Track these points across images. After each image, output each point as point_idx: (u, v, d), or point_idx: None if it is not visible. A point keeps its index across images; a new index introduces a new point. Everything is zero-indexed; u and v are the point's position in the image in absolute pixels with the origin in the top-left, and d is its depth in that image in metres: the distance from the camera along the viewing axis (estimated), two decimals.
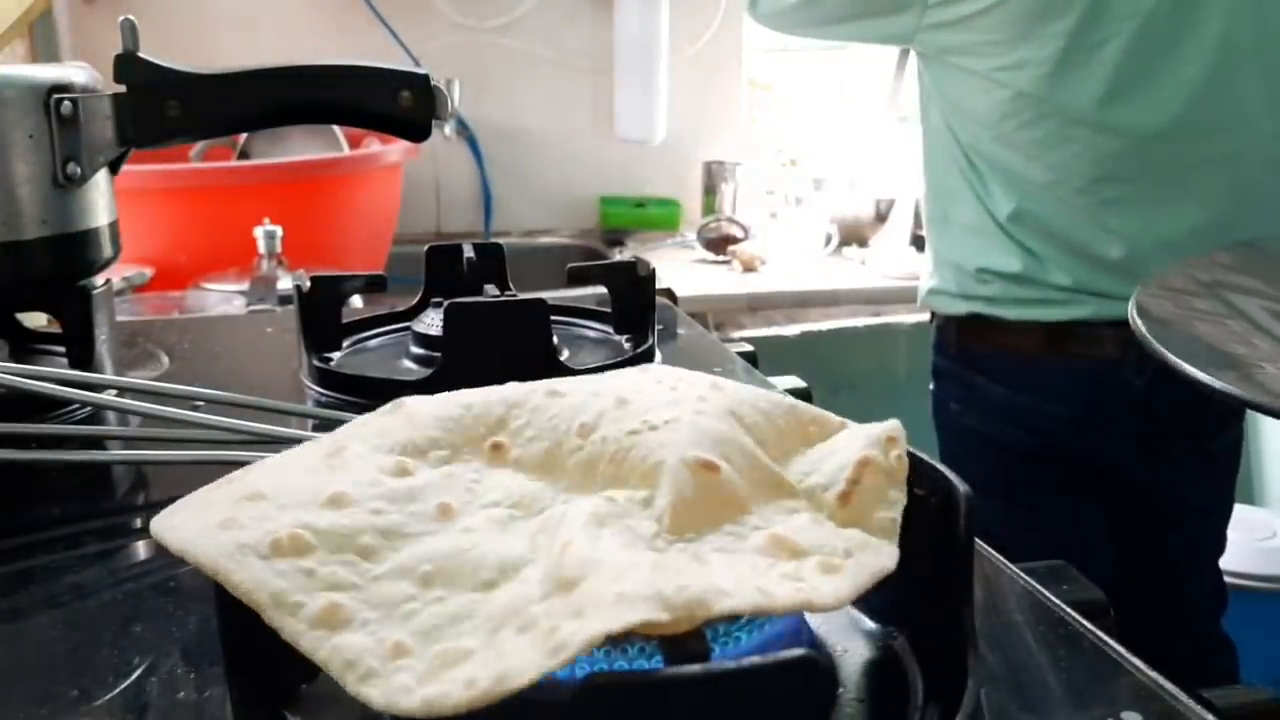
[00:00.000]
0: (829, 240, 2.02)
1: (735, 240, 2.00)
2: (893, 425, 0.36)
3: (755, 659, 0.27)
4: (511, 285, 0.74)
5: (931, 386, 1.23)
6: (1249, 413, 1.72)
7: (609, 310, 0.74)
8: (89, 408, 0.62)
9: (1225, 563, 1.42)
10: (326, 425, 0.51)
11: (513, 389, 0.39)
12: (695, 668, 0.27)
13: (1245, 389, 0.50)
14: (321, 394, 0.66)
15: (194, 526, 0.32)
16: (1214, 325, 0.60)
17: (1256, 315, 0.62)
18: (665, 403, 0.36)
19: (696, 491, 0.33)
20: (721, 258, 1.96)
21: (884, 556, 0.32)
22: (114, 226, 0.68)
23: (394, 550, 0.31)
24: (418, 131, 0.68)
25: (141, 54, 0.64)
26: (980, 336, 1.14)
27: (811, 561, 0.31)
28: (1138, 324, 0.59)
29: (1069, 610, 0.42)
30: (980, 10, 1.02)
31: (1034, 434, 1.12)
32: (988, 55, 1.05)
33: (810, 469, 0.36)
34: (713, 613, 0.27)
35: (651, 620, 0.27)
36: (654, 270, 0.73)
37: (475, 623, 0.29)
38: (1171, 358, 0.52)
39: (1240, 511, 1.59)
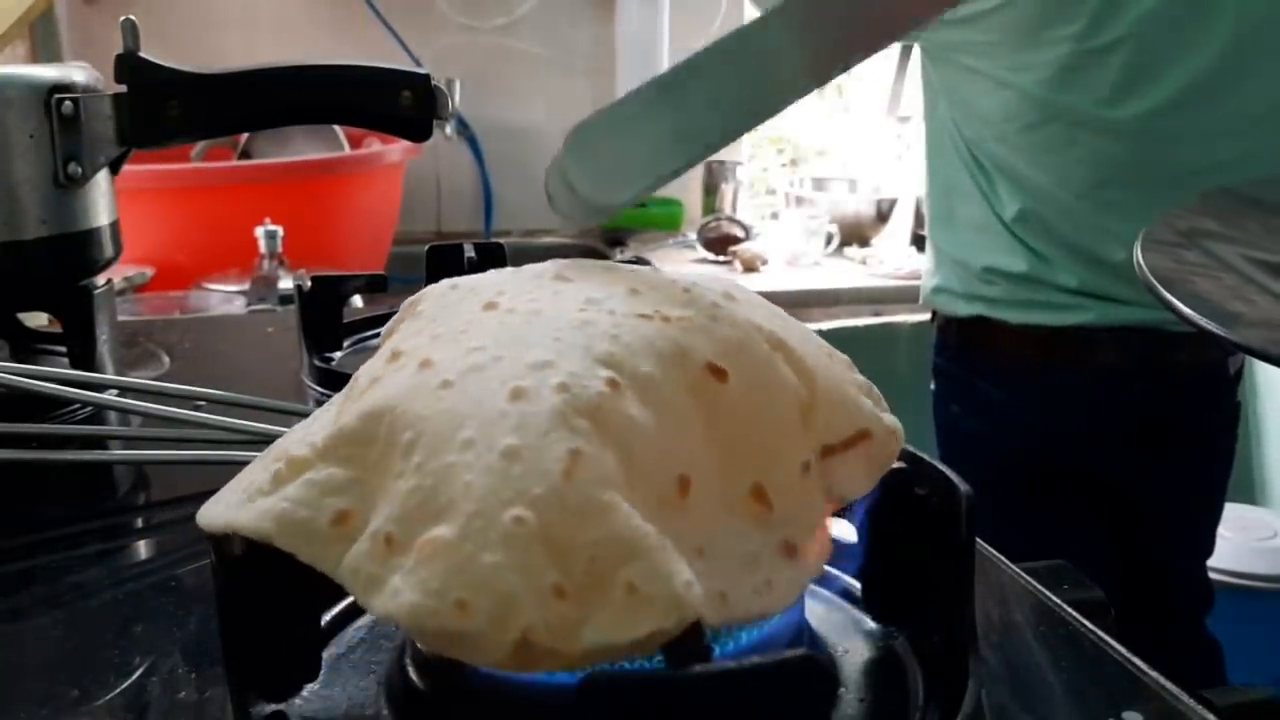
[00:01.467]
0: (829, 240, 2.02)
1: (736, 240, 2.00)
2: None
3: (755, 659, 0.27)
4: None
5: (932, 386, 1.22)
6: (1247, 413, 1.72)
7: None
8: (90, 408, 0.62)
9: (1224, 563, 1.42)
10: None
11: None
12: (696, 668, 0.27)
13: None
14: (322, 394, 0.66)
15: (223, 501, 0.31)
16: (1210, 281, 0.59)
17: (1240, 266, 0.62)
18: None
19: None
20: (722, 258, 1.96)
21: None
22: (115, 226, 0.68)
23: (380, 428, 0.29)
24: (418, 131, 0.68)
25: (142, 54, 0.64)
26: (982, 340, 1.14)
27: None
28: (1166, 294, 0.58)
29: (1069, 610, 0.42)
30: (988, 9, 1.02)
31: (1033, 438, 1.12)
32: (993, 55, 1.05)
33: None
34: None
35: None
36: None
37: (453, 495, 0.27)
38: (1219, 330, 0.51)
39: (1240, 511, 1.59)
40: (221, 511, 0.30)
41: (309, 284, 0.69)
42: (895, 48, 2.03)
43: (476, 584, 0.25)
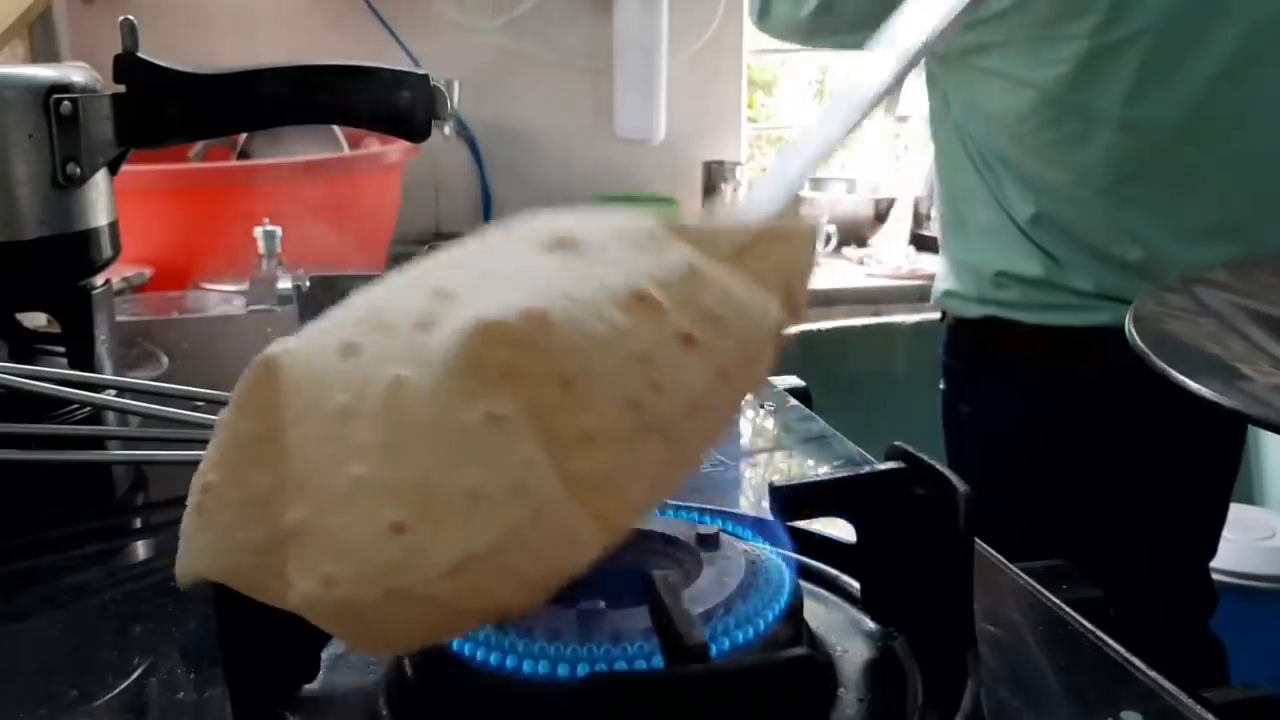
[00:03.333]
0: (829, 240, 2.02)
1: None
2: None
3: (755, 659, 0.27)
4: None
5: (941, 386, 1.22)
6: None
7: None
8: (89, 408, 0.62)
9: (1224, 563, 1.42)
10: None
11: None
12: (695, 668, 0.27)
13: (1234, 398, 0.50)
14: None
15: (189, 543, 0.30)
16: (1188, 324, 0.60)
17: (1225, 311, 0.62)
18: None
19: None
20: None
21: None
22: (114, 226, 0.68)
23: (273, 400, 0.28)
24: (417, 131, 0.68)
25: (141, 54, 0.64)
26: (994, 339, 1.13)
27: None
28: (1132, 334, 0.59)
29: (1069, 610, 0.42)
30: (1003, 10, 1.02)
31: (1044, 437, 1.11)
32: (1008, 55, 1.04)
33: None
34: None
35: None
36: None
37: (305, 468, 0.26)
38: (1174, 373, 0.52)
39: (1240, 511, 1.59)
40: (187, 562, 0.29)
41: (308, 284, 0.69)
42: None
43: (332, 551, 0.25)
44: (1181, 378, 0.48)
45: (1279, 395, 0.48)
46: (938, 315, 1.24)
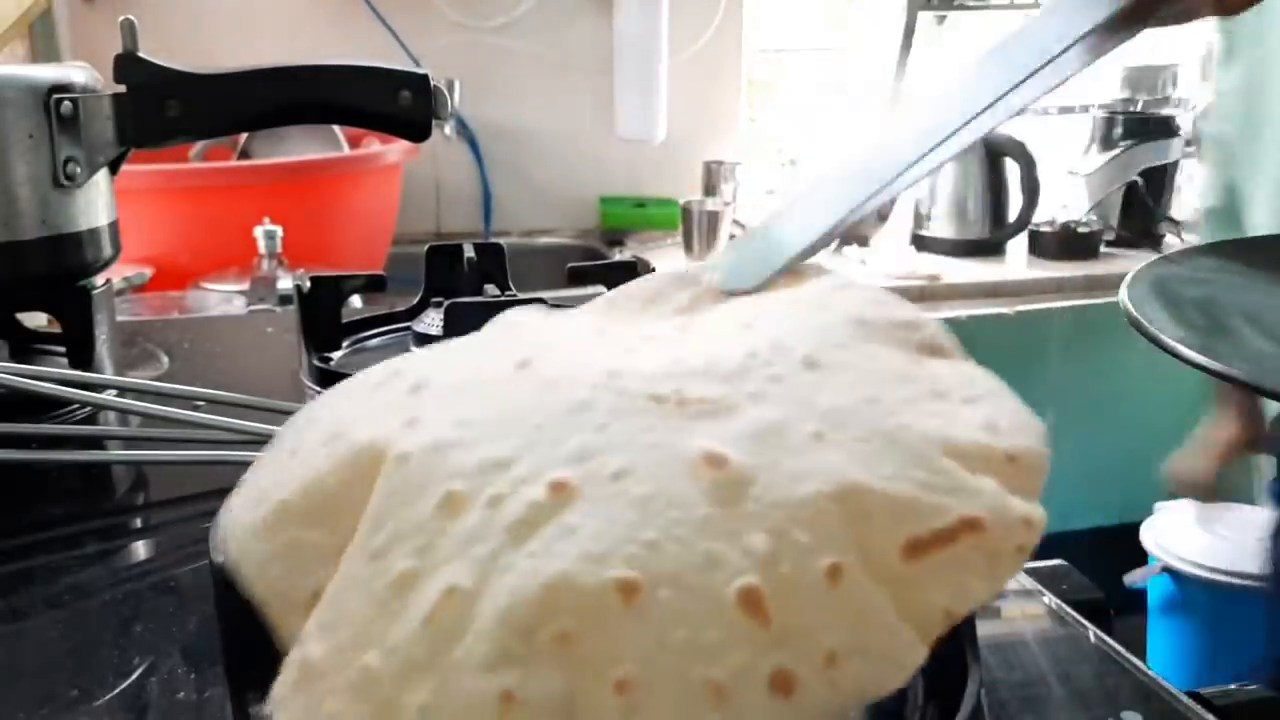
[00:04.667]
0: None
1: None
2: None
3: None
4: (512, 285, 0.74)
5: None
6: None
7: None
8: (89, 408, 0.62)
9: (1224, 563, 1.42)
10: None
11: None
12: None
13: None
14: (322, 394, 0.66)
15: (238, 524, 0.30)
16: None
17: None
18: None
19: None
20: None
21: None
22: (114, 226, 0.68)
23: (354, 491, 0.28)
24: (418, 131, 0.68)
25: (141, 54, 0.64)
26: None
27: None
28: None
29: (1069, 610, 0.42)
30: None
31: None
32: None
33: None
34: None
35: None
36: (654, 270, 0.73)
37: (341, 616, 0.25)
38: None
39: (1240, 511, 1.59)
40: (235, 547, 0.30)
41: (308, 284, 0.69)
42: (896, 41, 2.03)
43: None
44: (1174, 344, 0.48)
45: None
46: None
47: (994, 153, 1.83)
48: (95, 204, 0.65)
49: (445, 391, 0.31)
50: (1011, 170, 1.84)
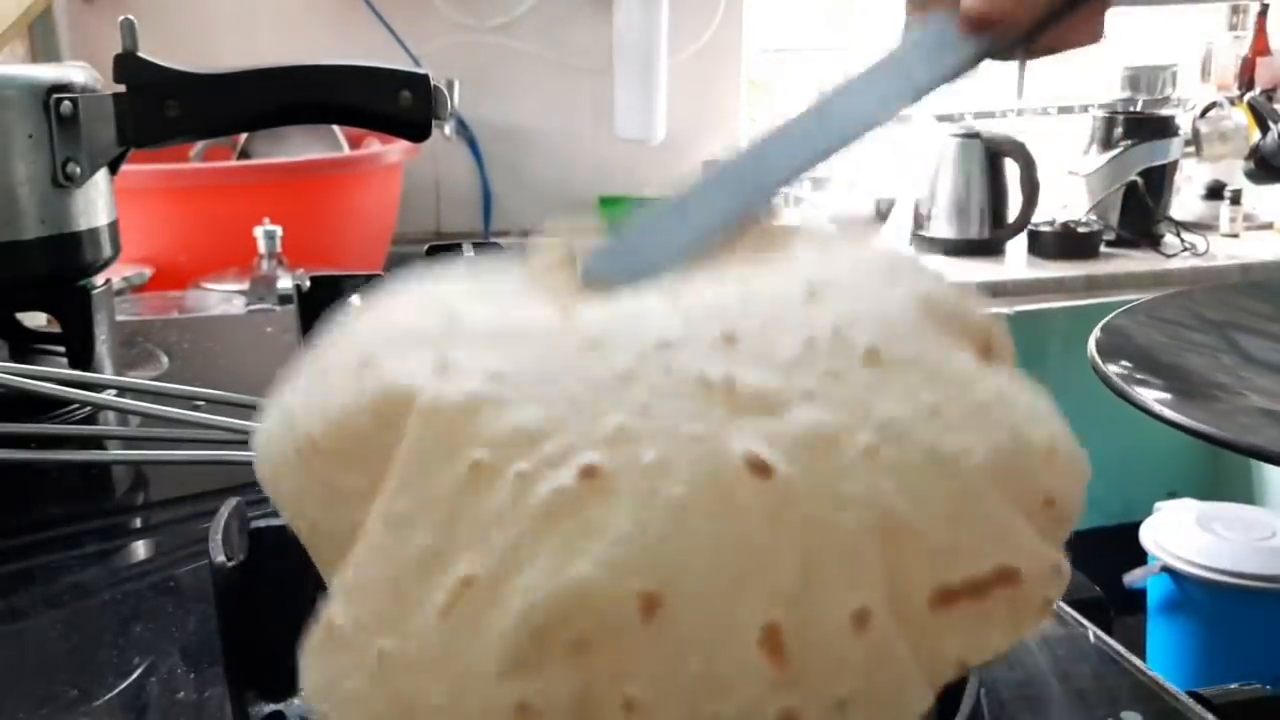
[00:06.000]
0: None
1: None
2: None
3: None
4: None
5: None
6: None
7: None
8: (89, 408, 0.62)
9: (1224, 563, 1.42)
10: None
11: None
12: None
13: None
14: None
15: (274, 444, 0.31)
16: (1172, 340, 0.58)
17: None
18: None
19: None
20: None
21: None
22: (114, 226, 0.68)
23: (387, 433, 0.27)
24: (418, 131, 0.68)
25: (141, 54, 0.64)
26: None
27: None
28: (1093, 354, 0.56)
29: (1069, 610, 0.42)
30: None
31: None
32: None
33: None
34: None
35: None
36: None
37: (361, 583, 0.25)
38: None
39: (1240, 511, 1.59)
40: (269, 471, 0.30)
41: (308, 284, 0.69)
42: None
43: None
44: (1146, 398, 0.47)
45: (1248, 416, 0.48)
46: None
47: (994, 153, 1.83)
48: (95, 204, 0.65)
49: (481, 335, 0.29)
50: (1011, 170, 1.84)
